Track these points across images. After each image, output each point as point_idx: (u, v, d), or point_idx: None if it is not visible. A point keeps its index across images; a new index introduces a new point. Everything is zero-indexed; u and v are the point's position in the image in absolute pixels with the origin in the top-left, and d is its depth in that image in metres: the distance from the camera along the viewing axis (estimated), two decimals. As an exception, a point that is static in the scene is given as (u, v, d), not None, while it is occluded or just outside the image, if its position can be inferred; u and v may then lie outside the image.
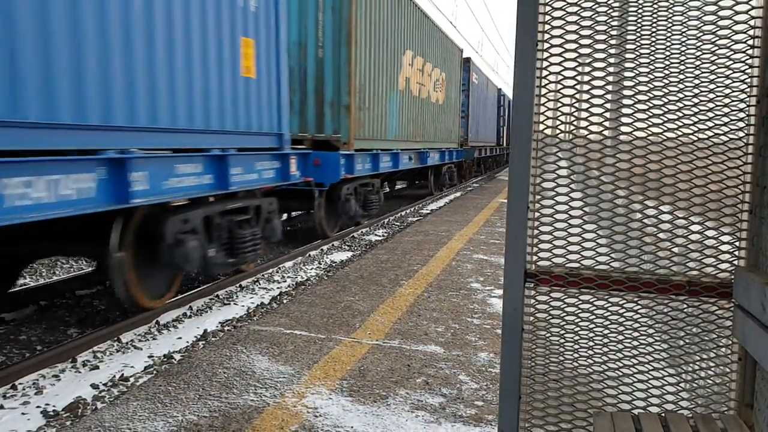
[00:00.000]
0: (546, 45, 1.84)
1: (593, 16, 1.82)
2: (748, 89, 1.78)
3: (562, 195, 1.90)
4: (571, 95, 1.87)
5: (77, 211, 4.44)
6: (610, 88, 1.85)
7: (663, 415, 1.87)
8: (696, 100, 1.81)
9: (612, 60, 1.84)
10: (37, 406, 3.88)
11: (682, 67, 1.80)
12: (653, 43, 1.81)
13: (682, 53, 1.80)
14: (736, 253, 1.85)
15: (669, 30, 1.80)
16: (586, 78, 1.86)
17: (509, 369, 1.94)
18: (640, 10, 1.81)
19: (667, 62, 1.81)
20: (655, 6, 1.80)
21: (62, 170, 4.29)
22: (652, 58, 1.81)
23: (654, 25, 1.80)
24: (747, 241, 1.84)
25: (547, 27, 1.84)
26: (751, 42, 1.76)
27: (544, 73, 1.86)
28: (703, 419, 1.83)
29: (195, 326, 5.64)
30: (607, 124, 1.87)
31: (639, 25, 1.81)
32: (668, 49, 1.80)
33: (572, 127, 1.89)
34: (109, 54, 4.74)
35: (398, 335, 4.48)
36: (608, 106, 1.86)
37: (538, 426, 2.02)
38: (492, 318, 4.98)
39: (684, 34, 1.79)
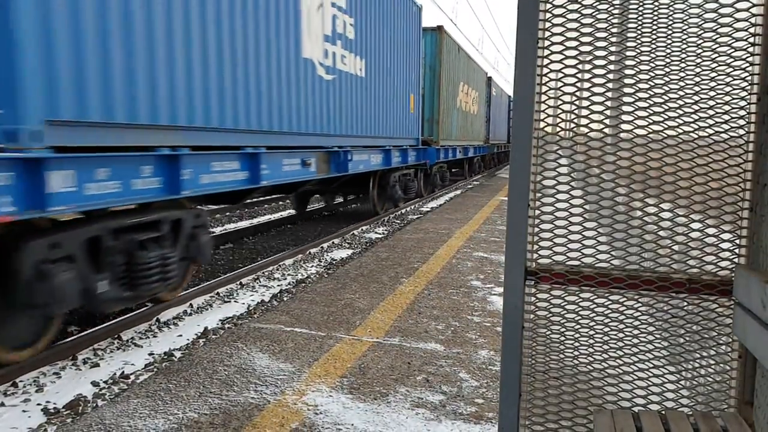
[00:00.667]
0: (547, 43, 1.84)
1: (594, 14, 1.82)
2: (749, 87, 1.78)
3: (562, 193, 1.90)
4: (571, 93, 1.87)
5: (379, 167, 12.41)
6: (610, 85, 1.85)
7: (663, 412, 1.88)
8: (696, 98, 1.81)
9: (612, 57, 1.84)
10: (38, 404, 3.89)
11: (683, 65, 1.80)
12: (654, 41, 1.81)
13: (683, 51, 1.80)
14: (737, 250, 1.85)
15: (670, 27, 1.80)
16: (587, 75, 1.86)
17: (509, 367, 1.95)
18: (641, 8, 1.81)
19: (667, 60, 1.81)
20: (656, 3, 1.80)
21: (376, 153, 12.01)
22: (653, 55, 1.81)
23: (655, 22, 1.80)
24: (747, 239, 1.84)
25: (547, 24, 1.84)
26: (751, 39, 1.76)
27: (545, 70, 1.86)
28: (703, 417, 1.84)
29: (195, 324, 5.65)
30: (607, 121, 1.87)
31: (640, 22, 1.81)
32: (669, 47, 1.80)
33: (573, 125, 1.89)
34: (382, 113, 12.30)
35: (398, 333, 4.49)
36: (609, 103, 1.86)
37: (538, 423, 2.02)
38: (492, 316, 4.98)
39: (685, 32, 1.79)
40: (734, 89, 1.79)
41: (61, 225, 4.68)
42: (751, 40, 1.76)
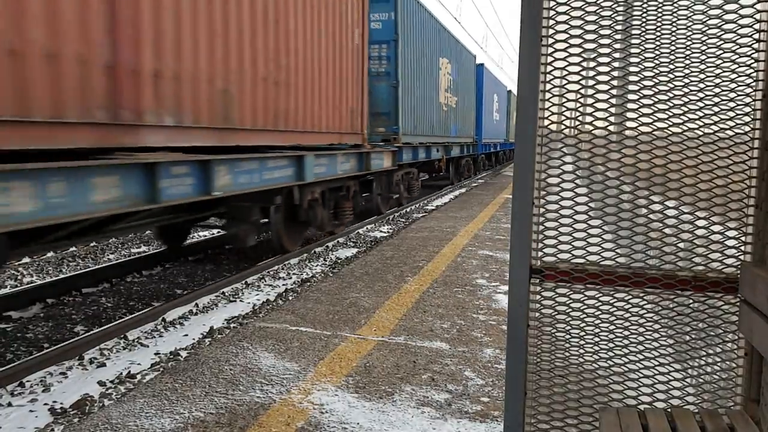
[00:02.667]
0: (551, 40, 1.84)
1: (598, 11, 1.81)
2: (754, 83, 1.77)
3: (567, 190, 1.89)
4: (576, 90, 1.86)
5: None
6: (615, 83, 1.84)
7: (669, 410, 1.87)
8: (701, 95, 1.80)
9: (617, 54, 1.83)
10: (45, 404, 3.91)
11: (688, 62, 1.79)
12: (658, 38, 1.80)
13: (688, 47, 1.79)
14: (742, 248, 1.84)
15: (674, 24, 1.79)
16: (591, 73, 1.85)
17: (515, 365, 1.94)
18: (645, 5, 1.80)
19: (672, 56, 1.80)
20: (660, 0, 1.79)
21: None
22: (657, 52, 1.81)
23: (659, 19, 1.80)
24: (753, 236, 1.83)
25: (551, 22, 1.83)
26: (756, 36, 1.75)
27: (549, 68, 1.85)
28: (709, 414, 1.83)
29: (201, 323, 5.66)
30: (612, 119, 1.86)
31: (644, 19, 1.81)
32: (673, 43, 1.80)
33: (577, 122, 1.88)
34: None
35: (404, 331, 4.49)
36: (613, 101, 1.85)
37: (543, 422, 2.02)
38: (497, 314, 4.98)
39: (689, 28, 1.78)
40: (739, 86, 1.78)
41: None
42: (756, 36, 1.75)
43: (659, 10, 1.79)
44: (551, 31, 1.83)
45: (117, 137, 4.92)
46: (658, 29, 1.80)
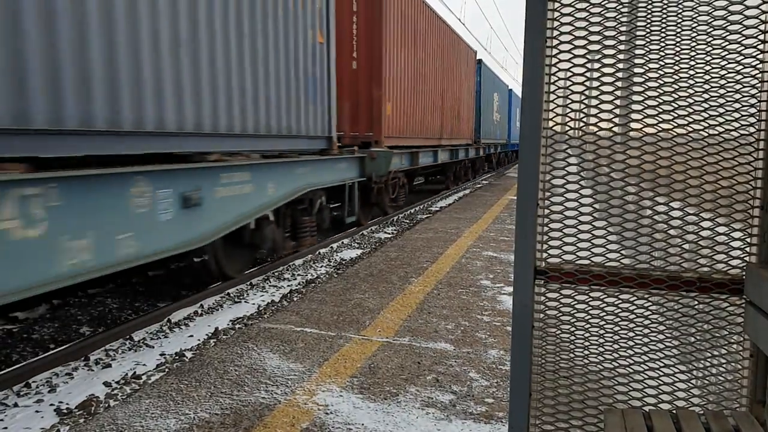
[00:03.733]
0: (555, 42, 1.84)
1: (602, 12, 1.81)
2: (759, 84, 1.77)
3: (571, 191, 1.90)
4: (580, 91, 1.86)
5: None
6: (619, 84, 1.84)
7: (674, 412, 1.87)
8: (706, 96, 1.80)
9: (621, 56, 1.83)
10: (51, 404, 3.92)
11: (692, 63, 1.79)
12: (663, 39, 1.80)
13: (692, 48, 1.79)
14: (747, 249, 1.84)
15: (679, 25, 1.79)
16: (596, 74, 1.85)
17: (519, 366, 1.94)
18: (649, 5, 1.80)
19: (677, 57, 1.80)
20: (665, 1, 1.79)
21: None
22: (662, 53, 1.80)
23: (663, 20, 1.80)
24: (758, 237, 1.83)
25: (556, 24, 1.83)
26: (762, 36, 1.75)
27: (554, 69, 1.85)
28: (714, 416, 1.83)
29: (206, 324, 5.68)
30: (616, 120, 1.86)
31: (648, 20, 1.80)
32: (678, 44, 1.79)
33: (582, 124, 1.89)
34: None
35: (408, 332, 4.49)
36: (618, 102, 1.85)
37: (548, 423, 2.02)
38: (502, 315, 4.97)
39: (694, 29, 1.78)
40: (744, 87, 1.78)
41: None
42: (761, 37, 1.75)
43: (664, 11, 1.79)
44: (555, 33, 1.84)
45: (440, 141, 17.75)
46: (663, 30, 1.80)
